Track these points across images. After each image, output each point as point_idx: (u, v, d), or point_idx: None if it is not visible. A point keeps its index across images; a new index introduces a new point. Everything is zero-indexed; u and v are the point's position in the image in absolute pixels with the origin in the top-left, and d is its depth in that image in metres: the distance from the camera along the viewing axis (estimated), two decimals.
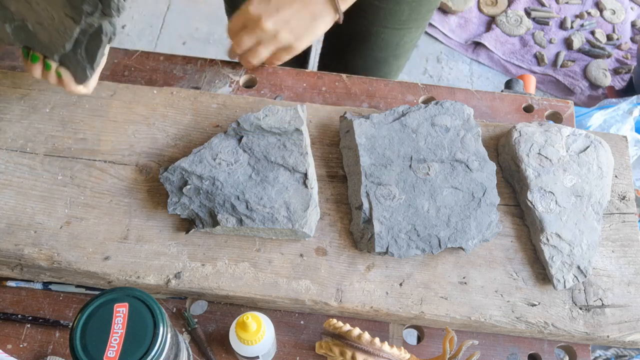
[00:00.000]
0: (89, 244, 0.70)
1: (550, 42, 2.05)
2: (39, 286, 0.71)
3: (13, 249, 0.69)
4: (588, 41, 2.05)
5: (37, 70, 0.69)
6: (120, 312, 0.52)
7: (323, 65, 1.17)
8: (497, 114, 0.87)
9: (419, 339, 0.72)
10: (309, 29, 0.70)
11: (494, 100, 0.88)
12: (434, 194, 0.72)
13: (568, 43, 2.04)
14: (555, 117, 0.87)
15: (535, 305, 0.70)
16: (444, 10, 2.11)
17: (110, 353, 0.50)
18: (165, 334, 0.52)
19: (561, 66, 1.99)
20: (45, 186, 0.74)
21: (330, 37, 1.10)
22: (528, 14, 2.11)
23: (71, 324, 0.52)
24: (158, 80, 0.87)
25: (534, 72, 2.00)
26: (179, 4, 2.13)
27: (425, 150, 0.75)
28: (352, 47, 1.04)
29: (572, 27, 2.08)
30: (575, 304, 0.71)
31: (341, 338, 0.61)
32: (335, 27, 0.77)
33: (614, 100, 1.62)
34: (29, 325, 0.69)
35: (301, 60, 1.23)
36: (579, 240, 0.72)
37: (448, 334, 0.63)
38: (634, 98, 1.59)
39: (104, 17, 0.63)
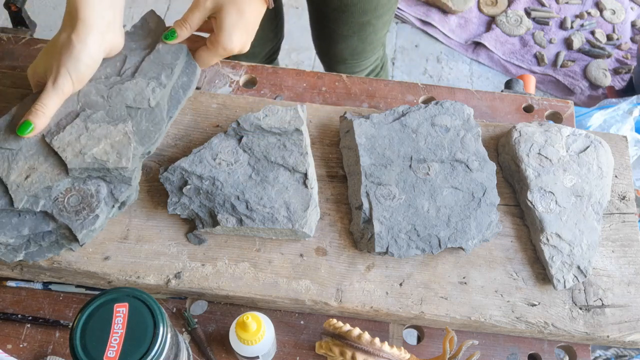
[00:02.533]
0: (89, 244, 0.70)
1: (550, 42, 2.05)
2: (39, 286, 0.71)
3: None
4: (588, 41, 2.05)
5: None
6: (120, 312, 0.52)
7: (316, 38, 1.22)
8: (497, 114, 0.87)
9: (419, 339, 0.72)
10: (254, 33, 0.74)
11: (494, 100, 0.88)
12: (434, 194, 0.72)
13: (568, 43, 2.04)
14: (555, 117, 0.87)
15: (535, 305, 0.70)
16: (444, 10, 2.11)
17: (110, 353, 0.50)
18: (165, 334, 0.52)
19: (561, 66, 1.99)
20: None
21: (313, 13, 1.13)
22: (528, 14, 2.11)
23: (71, 324, 0.52)
24: None
25: (534, 72, 2.00)
26: (179, 4, 2.13)
27: (425, 150, 0.75)
28: (333, 19, 1.08)
29: (572, 27, 2.08)
30: (575, 304, 0.71)
31: (341, 338, 0.61)
32: (313, 4, 0.77)
33: (614, 100, 1.62)
34: (29, 325, 0.69)
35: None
36: (579, 240, 0.72)
37: (448, 334, 0.63)
38: (634, 98, 1.59)
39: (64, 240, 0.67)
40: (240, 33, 0.69)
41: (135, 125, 0.69)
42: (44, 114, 0.65)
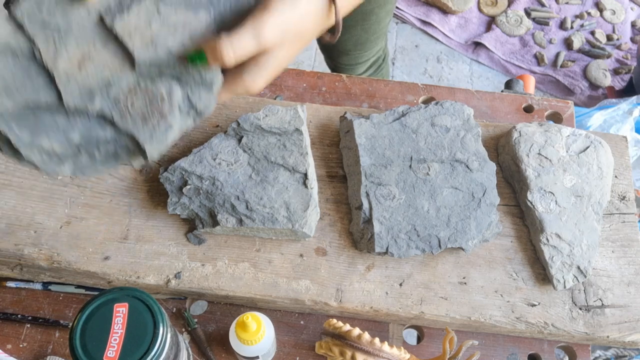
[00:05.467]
0: (89, 244, 0.70)
1: (550, 42, 2.05)
2: (38, 286, 0.71)
3: (13, 249, 0.69)
4: (588, 41, 2.05)
5: None
6: (120, 312, 0.52)
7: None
8: (497, 114, 0.87)
9: (419, 339, 0.72)
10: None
11: (494, 100, 0.88)
12: (434, 194, 0.72)
13: (568, 43, 2.04)
14: (555, 117, 0.87)
15: (535, 305, 0.70)
16: (444, 10, 2.11)
17: (110, 353, 0.50)
18: (165, 334, 0.52)
19: (561, 66, 1.99)
20: (45, 186, 0.74)
21: None
22: (528, 14, 2.11)
23: (71, 324, 0.52)
24: None
25: (534, 72, 2.00)
26: None
27: (425, 151, 0.75)
28: None
29: (572, 28, 2.08)
30: (575, 304, 0.71)
31: (341, 338, 0.61)
32: None
33: (614, 100, 1.62)
34: (28, 325, 0.69)
35: None
36: (579, 240, 0.72)
37: (448, 334, 0.63)
38: (634, 98, 1.59)
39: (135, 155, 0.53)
40: (272, 77, 0.52)
41: (218, 14, 0.52)
42: None
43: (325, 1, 0.49)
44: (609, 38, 2.06)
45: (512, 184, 0.78)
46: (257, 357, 0.64)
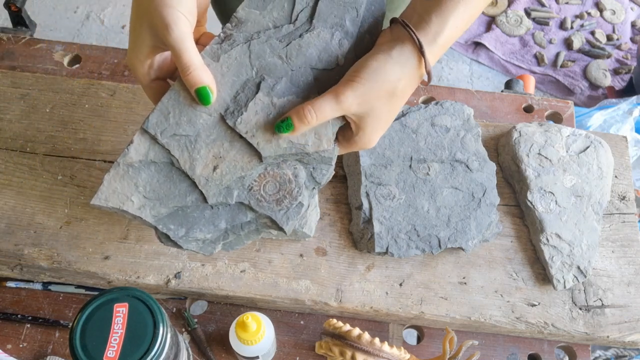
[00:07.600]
0: (89, 244, 0.70)
1: (550, 42, 2.05)
2: (38, 286, 0.71)
3: (13, 249, 0.69)
4: (588, 41, 2.05)
5: None
6: (120, 312, 0.52)
7: None
8: (497, 114, 0.87)
9: (419, 339, 0.72)
10: None
11: (494, 100, 0.88)
12: (434, 194, 0.72)
13: (568, 43, 2.04)
14: (555, 117, 0.87)
15: (535, 305, 0.70)
16: None
17: (110, 353, 0.50)
18: (165, 334, 0.52)
19: (561, 66, 1.99)
20: (45, 186, 0.74)
21: None
22: (528, 14, 2.11)
23: (71, 324, 0.52)
24: None
25: (534, 72, 1.99)
26: None
27: (425, 150, 0.75)
28: None
29: (572, 28, 2.08)
30: (575, 304, 0.71)
31: (341, 338, 0.61)
32: None
33: (614, 100, 1.62)
34: (28, 325, 0.69)
35: None
36: (579, 240, 0.72)
37: (448, 334, 0.63)
38: (634, 98, 1.59)
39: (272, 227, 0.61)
40: (381, 133, 0.58)
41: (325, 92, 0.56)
42: (201, 68, 0.53)
43: (416, 59, 0.53)
44: (609, 38, 2.06)
45: (512, 184, 0.78)
46: (257, 357, 0.64)
